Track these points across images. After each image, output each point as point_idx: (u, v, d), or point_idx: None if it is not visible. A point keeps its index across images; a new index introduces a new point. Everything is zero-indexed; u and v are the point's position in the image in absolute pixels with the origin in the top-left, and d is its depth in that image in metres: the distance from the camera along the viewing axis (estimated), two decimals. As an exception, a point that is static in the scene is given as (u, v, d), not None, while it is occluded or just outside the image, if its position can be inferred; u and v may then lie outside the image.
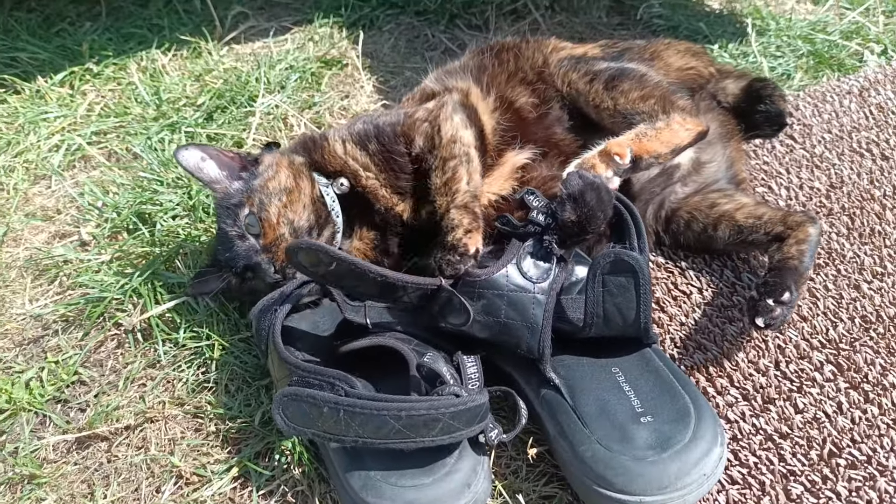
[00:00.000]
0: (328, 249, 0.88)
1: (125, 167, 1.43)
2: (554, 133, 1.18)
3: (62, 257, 1.26)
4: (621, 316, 0.91)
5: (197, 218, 1.26)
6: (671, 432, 0.84)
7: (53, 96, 1.63)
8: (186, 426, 1.02)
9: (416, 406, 0.83)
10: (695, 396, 0.89)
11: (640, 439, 0.84)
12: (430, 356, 0.93)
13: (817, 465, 0.91)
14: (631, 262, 0.89)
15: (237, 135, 1.47)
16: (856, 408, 0.97)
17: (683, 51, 1.32)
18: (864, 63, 1.64)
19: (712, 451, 0.83)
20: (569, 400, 0.90)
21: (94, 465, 0.99)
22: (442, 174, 1.04)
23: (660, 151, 1.06)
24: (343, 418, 0.83)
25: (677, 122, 1.09)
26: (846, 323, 1.08)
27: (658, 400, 0.89)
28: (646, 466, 0.82)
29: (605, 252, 0.91)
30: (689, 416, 0.86)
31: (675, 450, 0.82)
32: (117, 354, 1.12)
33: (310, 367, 0.88)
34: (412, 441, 0.83)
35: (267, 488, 0.94)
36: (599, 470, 0.83)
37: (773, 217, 1.11)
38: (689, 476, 0.81)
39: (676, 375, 0.92)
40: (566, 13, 1.89)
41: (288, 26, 1.84)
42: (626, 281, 0.90)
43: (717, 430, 0.85)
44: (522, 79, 1.21)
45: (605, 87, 1.16)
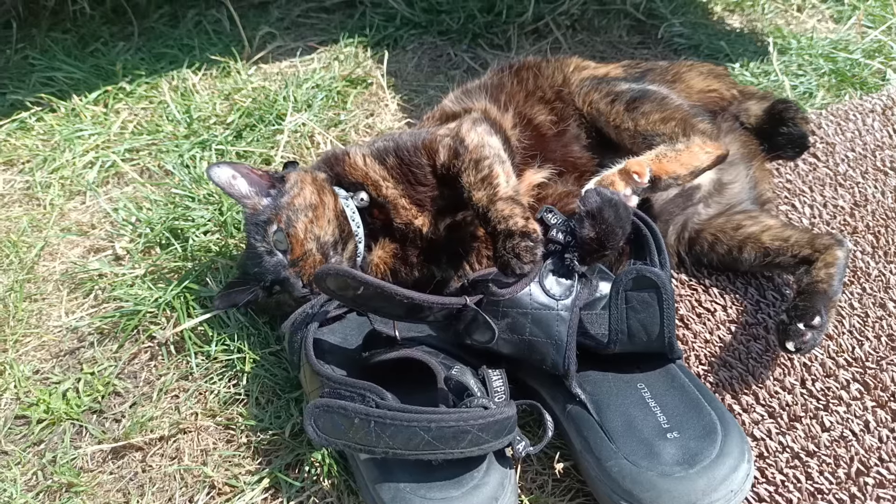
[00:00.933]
0: (355, 275, 0.90)
1: (157, 183, 1.47)
2: (572, 151, 1.20)
3: (97, 271, 1.29)
4: (645, 332, 0.92)
5: (228, 233, 1.29)
6: (698, 448, 0.85)
7: (88, 114, 1.68)
8: (218, 437, 1.04)
9: (446, 418, 0.84)
10: (721, 412, 0.89)
11: (666, 455, 0.85)
12: (457, 369, 0.95)
13: (845, 484, 0.92)
14: (653, 278, 0.90)
15: (265, 152, 1.50)
16: (883, 426, 0.97)
17: (706, 73, 1.34)
18: (887, 82, 1.64)
19: (739, 467, 0.83)
20: (595, 416, 0.91)
21: (130, 474, 1.01)
22: (476, 172, 1.04)
23: (679, 173, 1.07)
24: (374, 429, 0.84)
25: (697, 145, 1.10)
26: (872, 341, 1.08)
27: (684, 416, 0.90)
28: (673, 482, 0.82)
29: (628, 269, 0.92)
30: (715, 432, 0.86)
31: (703, 466, 0.83)
32: (151, 366, 1.15)
33: (341, 378, 0.90)
34: (441, 452, 0.84)
35: (297, 499, 0.95)
36: (626, 486, 0.84)
37: (801, 240, 1.11)
38: (716, 492, 0.82)
39: (702, 391, 0.93)
40: (587, 32, 1.91)
41: (314, 46, 1.88)
42: (650, 297, 0.91)
43: (744, 446, 0.86)
44: (541, 97, 1.24)
45: (626, 109, 1.18)
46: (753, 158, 1.26)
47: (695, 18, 1.95)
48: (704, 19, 1.96)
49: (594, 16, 1.95)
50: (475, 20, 1.91)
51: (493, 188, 1.02)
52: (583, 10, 1.95)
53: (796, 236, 1.12)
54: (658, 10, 1.95)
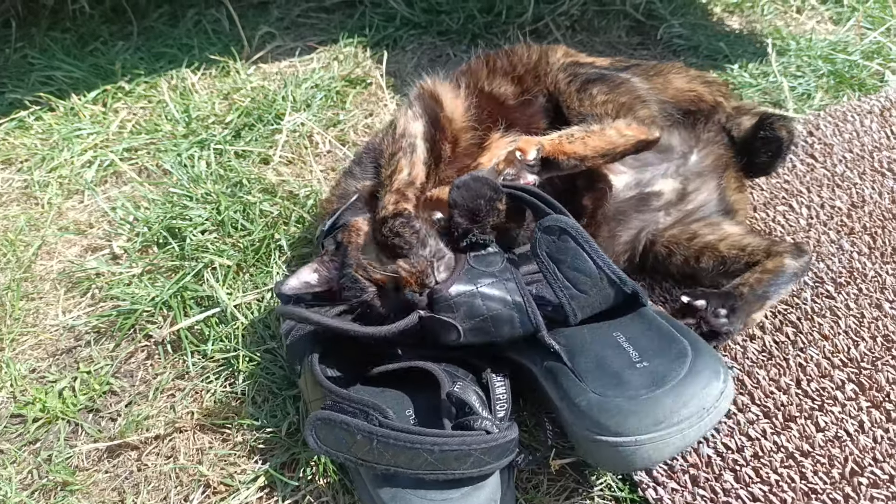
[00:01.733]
0: (306, 316, 0.92)
1: (156, 183, 1.47)
2: (536, 122, 1.19)
3: (94, 270, 1.29)
4: (585, 275, 0.91)
5: (225, 232, 1.29)
6: (666, 370, 0.83)
7: (87, 113, 1.68)
8: (214, 436, 1.04)
9: (450, 441, 0.84)
10: (693, 339, 0.88)
11: (634, 382, 0.84)
12: (459, 385, 0.94)
13: (839, 484, 0.92)
14: (553, 223, 0.90)
15: (264, 151, 1.50)
16: (878, 427, 0.97)
17: (693, 76, 1.29)
18: (886, 83, 1.64)
19: (711, 384, 0.81)
20: (568, 363, 0.90)
21: (125, 473, 1.01)
22: (388, 167, 1.06)
23: (583, 154, 1.05)
24: (376, 447, 0.85)
25: (615, 128, 1.08)
26: (868, 342, 1.08)
27: (657, 349, 0.88)
28: (639, 404, 0.81)
29: (533, 235, 0.93)
30: (685, 355, 0.85)
31: (671, 385, 0.81)
32: (147, 365, 1.15)
33: (345, 393, 0.90)
34: (442, 473, 0.85)
35: (292, 498, 0.95)
36: (594, 416, 0.83)
37: (758, 247, 1.10)
38: (685, 408, 0.80)
39: (675, 325, 0.91)
40: (587, 33, 1.92)
41: (313, 46, 1.88)
42: (563, 242, 0.91)
43: (719, 367, 0.83)
44: (506, 73, 1.23)
45: (578, 89, 1.17)
46: (726, 169, 1.23)
47: (694, 19, 1.95)
48: (704, 20, 1.96)
49: (594, 16, 1.95)
50: (475, 20, 1.91)
51: (391, 185, 1.03)
52: (582, 11, 1.95)
53: (755, 243, 1.11)
54: (657, 10, 1.95)
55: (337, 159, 1.51)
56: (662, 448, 0.81)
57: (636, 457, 0.81)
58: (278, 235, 1.28)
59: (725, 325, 1.01)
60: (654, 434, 0.80)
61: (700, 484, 0.93)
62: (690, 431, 0.80)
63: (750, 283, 1.06)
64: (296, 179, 1.43)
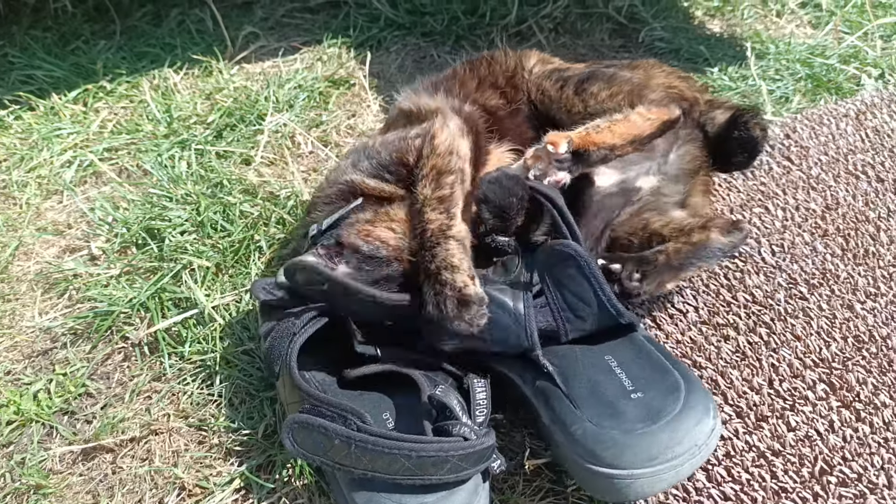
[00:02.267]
0: (322, 270, 0.91)
1: (135, 183, 1.47)
2: (526, 130, 1.20)
3: (72, 271, 1.29)
4: (584, 302, 0.93)
5: (205, 234, 1.29)
6: (661, 405, 0.85)
7: (67, 113, 1.67)
8: (190, 438, 1.04)
9: (427, 448, 0.85)
10: (684, 373, 0.89)
11: (630, 414, 0.85)
12: (441, 389, 0.94)
13: (808, 483, 0.93)
14: (565, 250, 0.91)
15: (245, 152, 1.50)
16: (847, 426, 0.99)
17: (669, 72, 1.30)
18: (862, 87, 1.66)
19: (704, 421, 0.83)
20: (562, 386, 0.91)
21: (99, 476, 1.01)
22: (436, 187, 0.99)
23: (612, 142, 1.04)
24: (354, 452, 0.85)
25: (637, 113, 1.08)
26: (839, 342, 1.09)
27: (649, 378, 0.89)
28: (635, 438, 0.82)
29: (539, 250, 0.94)
30: (679, 389, 0.86)
31: (666, 421, 0.83)
32: (124, 367, 1.15)
33: (323, 397, 0.90)
34: (419, 478, 0.85)
35: (268, 500, 0.95)
36: (589, 446, 0.84)
37: (695, 224, 1.10)
38: (679, 446, 0.81)
39: (666, 356, 0.93)
40: (570, 35, 1.93)
41: (297, 46, 1.88)
42: (570, 268, 0.92)
43: (709, 403, 0.85)
44: (492, 83, 1.24)
45: (575, 92, 1.17)
46: (698, 172, 1.23)
47: (676, 23, 1.97)
48: (685, 24, 1.98)
49: (577, 19, 1.97)
50: (459, 22, 1.92)
51: (450, 217, 0.97)
52: (565, 14, 1.96)
53: (693, 222, 1.11)
54: (640, 14, 1.97)
55: (319, 160, 1.51)
56: (655, 483, 0.82)
57: (630, 490, 0.83)
58: (258, 237, 1.28)
59: (636, 288, 1.02)
60: (649, 469, 0.81)
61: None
62: (683, 468, 0.82)
63: (668, 252, 1.06)
64: (277, 180, 1.43)
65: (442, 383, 0.96)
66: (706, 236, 1.08)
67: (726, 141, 1.23)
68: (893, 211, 1.31)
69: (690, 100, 1.25)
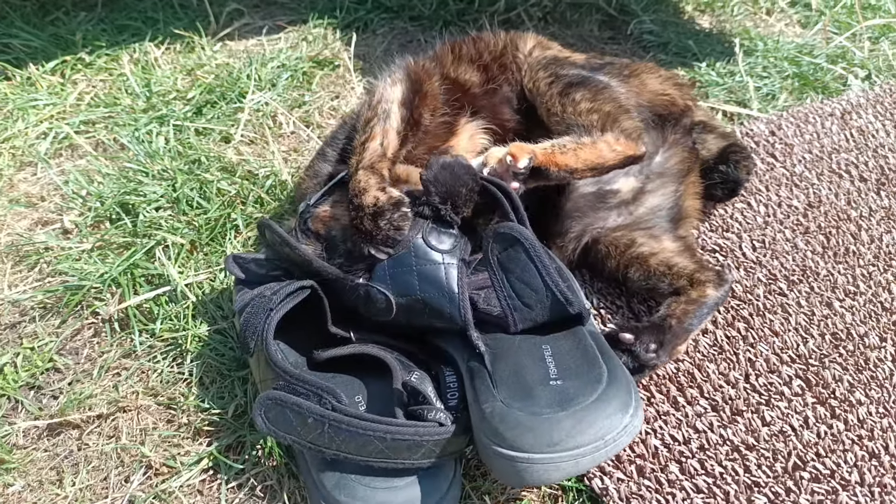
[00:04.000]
0: (281, 233, 0.92)
1: (112, 157, 1.44)
2: (502, 111, 1.18)
3: (43, 244, 1.25)
4: (531, 288, 0.90)
5: (180, 210, 1.27)
6: (575, 394, 0.82)
7: (44, 84, 1.63)
8: (159, 417, 1.02)
9: (402, 430, 0.84)
10: (613, 367, 0.86)
11: (542, 398, 0.82)
12: (417, 375, 0.94)
13: (781, 478, 0.93)
14: (510, 233, 0.89)
15: (225, 130, 1.47)
16: (822, 423, 0.99)
17: (665, 77, 1.29)
18: (848, 87, 1.67)
19: (616, 417, 0.79)
20: (489, 367, 0.88)
21: (65, 452, 0.99)
22: (361, 134, 1.03)
23: (573, 166, 1.04)
24: (327, 432, 0.83)
25: (605, 142, 1.07)
26: (817, 339, 1.09)
27: (576, 369, 0.86)
28: (539, 422, 0.79)
29: (485, 233, 0.92)
30: (600, 381, 0.83)
31: (574, 409, 0.79)
32: (93, 343, 1.12)
33: (299, 374, 0.88)
34: (392, 462, 0.84)
35: (236, 481, 0.94)
36: (495, 424, 0.81)
37: (683, 270, 1.09)
38: (582, 436, 0.78)
39: (603, 350, 0.90)
40: (559, 25, 1.91)
41: (282, 25, 1.85)
42: (515, 252, 0.90)
43: (630, 400, 0.82)
44: (472, 60, 1.21)
45: (560, 93, 1.14)
46: (688, 174, 1.22)
47: (665, 16, 1.96)
48: (675, 18, 1.97)
49: (566, 9, 1.95)
50: (447, 7, 1.90)
51: (362, 153, 1.00)
52: (555, 3, 1.94)
53: (682, 264, 1.10)
54: (629, 6, 1.95)
55: (300, 140, 1.49)
56: (552, 471, 0.79)
57: (527, 474, 0.79)
58: (235, 215, 1.26)
59: (653, 360, 0.99)
60: (547, 455, 0.78)
61: (646, 474, 0.93)
62: (584, 460, 0.78)
63: (677, 316, 1.04)
64: (256, 159, 1.40)
65: (416, 370, 0.95)
66: (704, 293, 1.06)
67: (712, 171, 1.25)
68: (875, 210, 1.32)
69: (682, 107, 1.25)
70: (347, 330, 0.98)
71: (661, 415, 1.00)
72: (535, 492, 0.93)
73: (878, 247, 1.24)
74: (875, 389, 1.03)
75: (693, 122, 1.28)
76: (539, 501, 0.92)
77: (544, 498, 0.92)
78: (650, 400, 1.01)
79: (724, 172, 1.24)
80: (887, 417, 1.00)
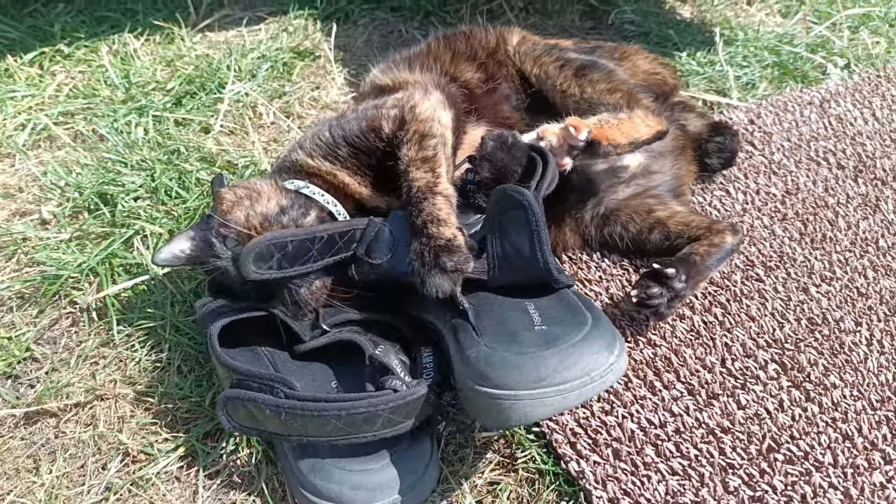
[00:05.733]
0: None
1: (90, 148, 1.43)
2: (502, 110, 1.19)
3: (21, 234, 1.25)
4: (518, 253, 0.89)
5: (159, 200, 1.26)
6: (561, 333, 0.82)
7: (22, 76, 1.62)
8: (137, 405, 1.02)
9: (356, 405, 0.84)
10: (597, 314, 0.86)
11: (527, 340, 0.82)
12: (381, 349, 0.95)
13: (756, 460, 0.94)
14: (519, 198, 0.88)
15: (205, 120, 1.46)
16: (797, 406, 1.00)
17: (652, 58, 1.35)
18: (827, 76, 1.68)
19: (601, 353, 0.80)
20: (472, 321, 0.88)
21: (42, 440, 0.99)
22: (420, 148, 0.99)
23: (619, 141, 1.06)
24: (285, 419, 0.84)
25: (639, 117, 1.10)
26: (793, 324, 1.10)
27: (558, 316, 0.86)
28: (524, 359, 0.79)
29: (494, 192, 0.92)
30: (584, 324, 0.83)
31: (560, 347, 0.80)
32: (71, 332, 1.12)
33: (246, 369, 0.89)
34: (354, 437, 0.85)
35: (213, 468, 0.94)
36: (480, 367, 0.81)
37: (701, 223, 1.15)
38: (569, 371, 0.78)
39: (585, 301, 0.90)
40: (540, 15, 1.91)
41: (263, 16, 1.84)
42: (517, 218, 0.89)
43: (615, 341, 0.82)
44: (469, 57, 1.22)
45: (575, 74, 1.17)
46: (682, 152, 1.26)
47: (646, 6, 1.96)
48: (656, 8, 1.98)
49: (548, -1, 1.95)
50: (429, -2, 1.90)
51: (435, 176, 0.96)
52: (536, -7, 1.95)
53: (698, 221, 1.16)
54: (611, -4, 1.96)
55: (280, 131, 1.48)
56: (539, 407, 0.78)
57: (512, 411, 0.79)
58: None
59: (683, 289, 1.03)
60: (534, 391, 0.78)
61: (622, 457, 0.94)
62: (571, 395, 0.78)
63: (700, 254, 1.08)
64: (236, 149, 1.40)
65: (382, 344, 0.95)
66: (723, 238, 1.11)
67: (707, 143, 1.29)
68: (852, 197, 1.33)
69: (671, 86, 1.31)
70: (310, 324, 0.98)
71: (637, 399, 1.00)
72: (513, 475, 0.93)
73: (855, 233, 1.26)
74: (849, 373, 1.04)
75: (678, 101, 1.32)
76: (516, 484, 0.92)
77: (521, 481, 0.93)
78: (627, 385, 1.02)
79: (721, 143, 1.30)
80: (861, 400, 1.01)
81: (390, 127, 1.05)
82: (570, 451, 0.94)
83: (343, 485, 0.86)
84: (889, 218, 1.29)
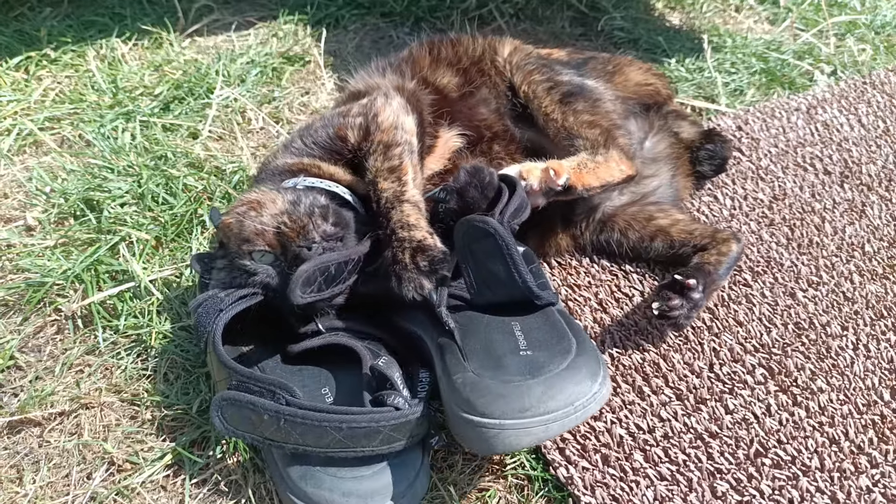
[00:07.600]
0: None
1: (76, 154, 1.42)
2: (478, 113, 1.20)
3: (5, 241, 1.23)
4: (499, 280, 0.91)
5: (146, 206, 1.25)
6: (545, 362, 0.83)
7: (8, 80, 1.61)
8: (122, 413, 1.01)
9: (358, 419, 0.84)
10: (582, 340, 0.87)
11: (512, 367, 0.83)
12: (384, 360, 0.94)
13: (743, 464, 0.94)
14: (484, 227, 0.90)
15: (193, 126, 1.46)
16: (784, 410, 1.00)
17: (645, 69, 1.35)
18: (814, 82, 1.69)
19: (584, 383, 0.81)
20: (459, 342, 0.89)
21: (25, 449, 0.97)
22: (385, 159, 1.00)
23: (593, 185, 1.09)
24: (284, 427, 0.84)
25: (614, 160, 1.12)
26: (780, 329, 1.11)
27: (544, 341, 0.87)
28: (510, 389, 0.80)
29: (458, 224, 0.93)
30: (569, 352, 0.84)
31: (545, 376, 0.81)
32: (56, 340, 1.11)
33: (249, 372, 0.88)
34: (352, 451, 0.84)
35: (200, 477, 0.93)
36: (466, 394, 0.81)
37: (704, 232, 1.17)
38: (553, 401, 0.79)
39: (571, 325, 0.91)
40: (531, 21, 1.92)
41: (252, 21, 1.84)
42: (488, 246, 0.90)
43: (598, 369, 0.83)
44: (450, 63, 1.23)
45: (560, 101, 1.18)
46: (679, 161, 1.27)
47: (636, 13, 1.97)
48: (645, 15, 1.99)
49: (538, 5, 1.96)
50: (419, 3, 1.90)
51: (402, 184, 0.97)
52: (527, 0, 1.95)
53: (700, 229, 1.17)
54: (600, 3, 1.97)
55: (269, 136, 1.48)
56: (523, 437, 0.79)
57: (497, 440, 0.80)
58: (202, 211, 1.25)
59: (701, 299, 1.04)
60: (518, 421, 0.78)
61: (611, 463, 0.94)
62: (554, 425, 0.79)
63: (712, 263, 1.10)
64: (224, 155, 1.39)
65: (384, 355, 0.95)
66: (730, 247, 1.13)
67: (699, 150, 1.31)
68: (839, 202, 1.34)
69: (664, 96, 1.32)
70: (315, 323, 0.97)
71: (626, 404, 1.00)
72: (502, 481, 0.93)
73: (842, 238, 1.26)
74: (836, 377, 1.04)
75: (671, 110, 1.33)
76: (505, 491, 0.92)
77: (510, 488, 0.92)
78: (616, 390, 1.02)
79: (712, 150, 1.31)
80: (847, 404, 1.01)
81: (356, 137, 1.06)
82: (559, 456, 0.94)
83: (334, 492, 0.86)
84: (875, 223, 1.29)
